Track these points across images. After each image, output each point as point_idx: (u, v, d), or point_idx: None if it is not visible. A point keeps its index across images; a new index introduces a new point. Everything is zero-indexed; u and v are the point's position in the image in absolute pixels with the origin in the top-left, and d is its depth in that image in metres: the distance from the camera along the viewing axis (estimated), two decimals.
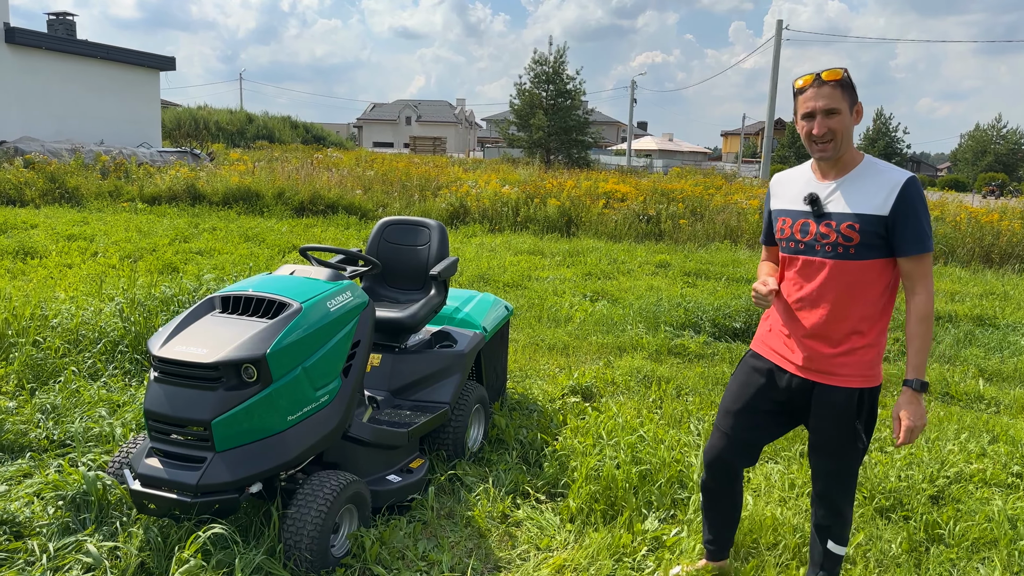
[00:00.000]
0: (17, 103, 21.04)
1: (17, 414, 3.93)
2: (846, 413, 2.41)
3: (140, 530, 2.82)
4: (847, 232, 2.32)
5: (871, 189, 2.31)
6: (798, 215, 2.43)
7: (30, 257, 8.74)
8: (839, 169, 2.39)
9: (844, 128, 2.31)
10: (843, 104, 2.30)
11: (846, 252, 2.33)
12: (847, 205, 2.33)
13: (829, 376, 2.41)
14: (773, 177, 2.66)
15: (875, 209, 2.28)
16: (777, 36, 31.47)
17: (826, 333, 2.41)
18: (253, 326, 2.80)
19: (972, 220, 13.24)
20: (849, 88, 2.32)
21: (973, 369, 6.05)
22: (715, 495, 2.75)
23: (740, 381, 2.62)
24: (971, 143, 64.94)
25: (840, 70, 2.30)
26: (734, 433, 2.60)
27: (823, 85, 2.30)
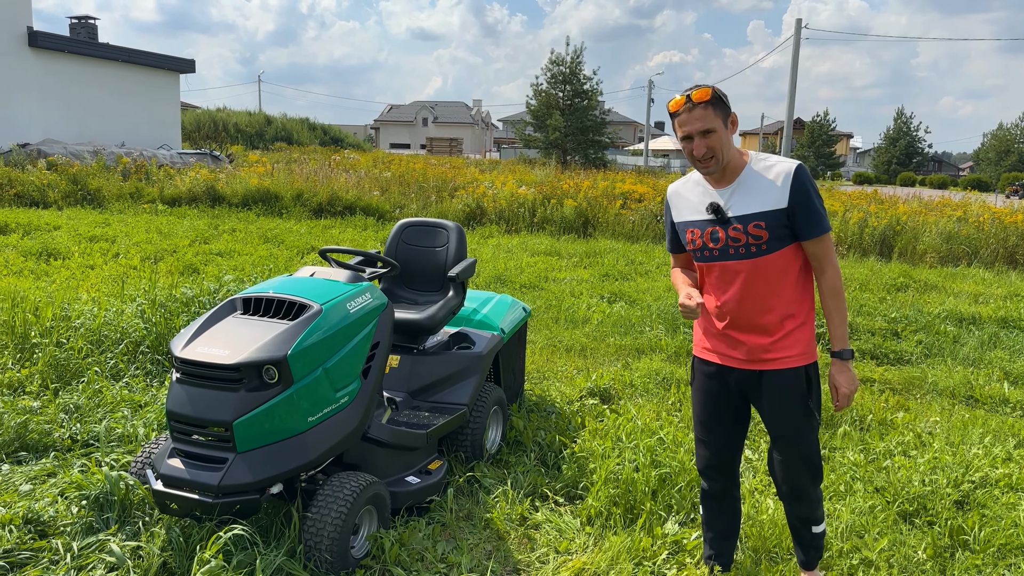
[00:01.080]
0: (40, 106, 21.35)
1: (41, 414, 3.98)
2: (798, 392, 2.52)
3: (162, 530, 2.84)
4: (755, 232, 2.42)
5: (765, 186, 2.42)
6: (705, 224, 2.52)
7: (53, 258, 8.85)
8: (729, 175, 2.48)
9: (721, 143, 2.39)
10: (716, 122, 2.38)
11: (759, 250, 2.44)
12: (748, 206, 2.43)
13: (774, 361, 2.52)
14: (669, 188, 2.73)
15: (775, 204, 2.39)
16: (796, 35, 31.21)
17: (760, 325, 2.51)
18: (274, 327, 2.81)
19: (996, 221, 13.05)
20: (720, 104, 2.39)
21: (998, 372, 5.96)
22: (716, 500, 2.79)
23: (699, 390, 2.72)
24: (994, 142, 64.05)
25: (708, 88, 2.38)
26: (712, 438, 2.71)
27: (694, 108, 2.37)
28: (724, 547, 2.85)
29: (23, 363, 4.76)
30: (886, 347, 6.51)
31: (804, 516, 2.70)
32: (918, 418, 4.84)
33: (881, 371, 5.91)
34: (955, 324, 7.45)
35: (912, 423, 4.70)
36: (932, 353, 6.50)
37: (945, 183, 52.14)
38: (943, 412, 5.03)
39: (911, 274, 10.33)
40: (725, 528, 2.83)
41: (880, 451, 4.17)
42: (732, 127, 2.44)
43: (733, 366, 2.58)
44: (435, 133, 68.24)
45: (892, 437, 4.38)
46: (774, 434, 2.61)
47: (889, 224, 12.83)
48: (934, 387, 5.56)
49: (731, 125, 2.43)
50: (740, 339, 2.54)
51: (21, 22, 20.84)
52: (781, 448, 2.61)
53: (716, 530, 2.83)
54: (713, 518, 2.82)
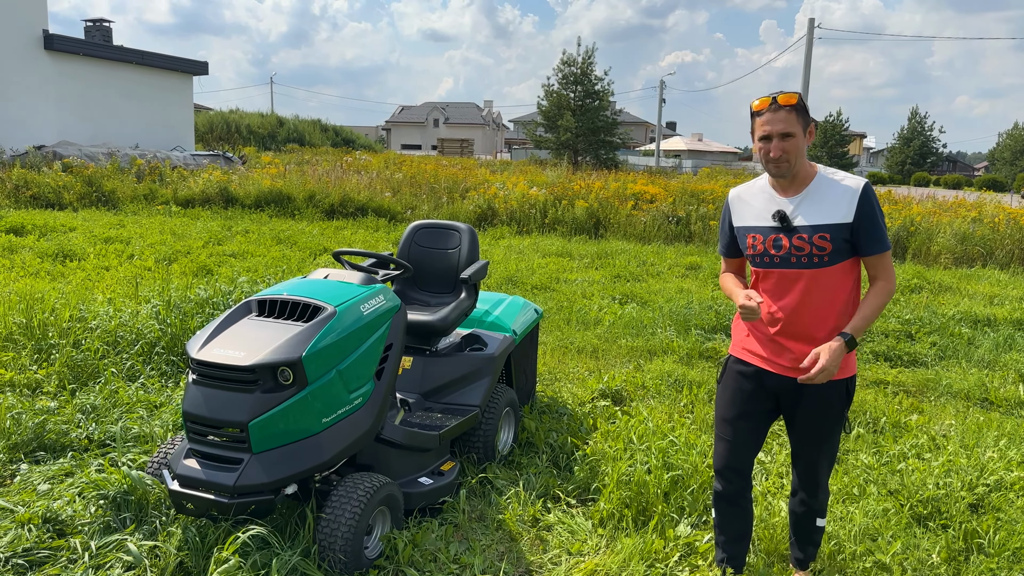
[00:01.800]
0: (55, 108, 21.55)
1: (58, 414, 4.03)
2: (837, 404, 2.61)
3: (179, 530, 2.87)
4: (819, 243, 2.47)
5: (833, 199, 2.46)
6: (768, 231, 2.55)
7: (69, 259, 8.94)
8: (797, 184, 2.53)
9: (798, 149, 2.45)
10: (797, 128, 2.44)
11: (820, 260, 2.48)
12: (815, 217, 2.47)
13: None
14: (730, 193, 2.77)
15: (841, 218, 2.44)
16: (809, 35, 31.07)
17: (811, 334, 2.54)
18: (289, 329, 2.84)
19: (1011, 221, 12.94)
20: (803, 111, 2.45)
21: (1013, 374, 5.92)
22: (729, 502, 2.78)
23: (732, 388, 2.73)
24: (1009, 142, 63.51)
25: (795, 95, 2.44)
26: (736, 438, 2.72)
27: (779, 109, 2.43)
28: (737, 550, 2.85)
29: (40, 364, 4.81)
30: (900, 349, 6.47)
31: (817, 507, 2.81)
32: (932, 420, 4.82)
33: (895, 373, 5.88)
34: (970, 326, 7.40)
35: (926, 425, 4.67)
36: (946, 355, 6.46)
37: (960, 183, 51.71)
38: (957, 415, 5.00)
39: (925, 275, 10.27)
40: (738, 531, 2.83)
41: (894, 454, 4.15)
42: (810, 136, 2.49)
43: (775, 372, 2.61)
44: (446, 134, 68.35)
45: (906, 439, 4.36)
46: (807, 439, 2.69)
47: (903, 225, 12.75)
48: (948, 389, 5.53)
49: (808, 135, 2.48)
50: (788, 346, 2.57)
51: (37, 25, 21.04)
52: (811, 450, 2.71)
53: (729, 533, 2.83)
54: (726, 521, 2.82)
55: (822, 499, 2.82)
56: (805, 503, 2.83)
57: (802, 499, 2.83)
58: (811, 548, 2.91)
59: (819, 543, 2.93)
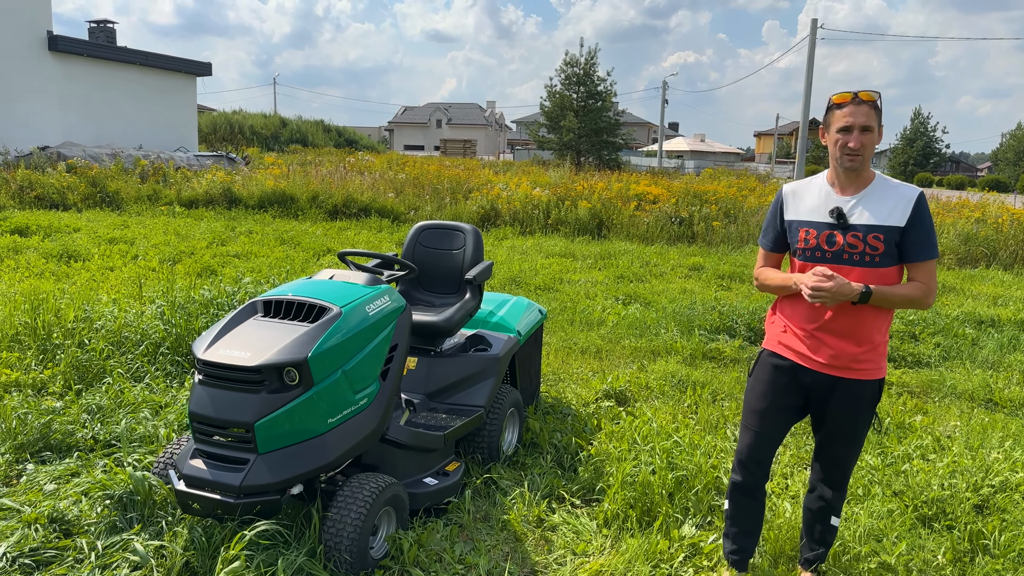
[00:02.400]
0: (59, 109, 21.61)
1: (64, 414, 4.04)
2: (871, 402, 2.67)
3: (185, 530, 2.88)
4: (873, 242, 2.53)
5: (889, 203, 2.53)
6: (823, 227, 2.60)
7: (73, 260, 8.96)
8: (858, 184, 2.59)
9: (872, 144, 2.53)
10: (875, 123, 2.53)
11: (872, 260, 2.54)
12: (872, 218, 2.54)
13: (857, 372, 2.62)
14: (784, 187, 2.81)
15: (896, 221, 2.51)
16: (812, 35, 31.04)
17: (854, 334, 2.59)
18: (295, 330, 2.84)
19: (1015, 222, 12.92)
20: (879, 111, 2.55)
21: (1018, 375, 5.91)
22: (747, 493, 2.83)
23: (764, 380, 2.77)
24: (1013, 142, 63.38)
25: (875, 93, 2.53)
26: (766, 430, 2.76)
27: (861, 104, 2.51)
28: (748, 543, 2.89)
29: (46, 364, 4.83)
30: (904, 350, 6.46)
31: (836, 504, 2.85)
32: (937, 421, 4.81)
33: (899, 374, 5.87)
34: (974, 327, 7.39)
35: (931, 426, 4.67)
36: (950, 356, 6.45)
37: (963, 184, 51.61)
38: (962, 415, 4.99)
39: None
40: (751, 524, 2.88)
41: (899, 454, 4.15)
42: (879, 137, 2.56)
43: (811, 368, 2.65)
44: (449, 135, 68.39)
45: (910, 440, 4.35)
46: (838, 434, 2.73)
47: None
48: (952, 390, 5.52)
49: (880, 135, 2.56)
50: (828, 343, 2.61)
51: (41, 26, 21.11)
52: (840, 446, 2.75)
53: (742, 525, 2.87)
54: (741, 513, 2.86)
55: (840, 497, 2.85)
56: (824, 499, 2.84)
57: (821, 494, 2.85)
58: (822, 549, 2.92)
59: (831, 544, 2.94)
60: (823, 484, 2.84)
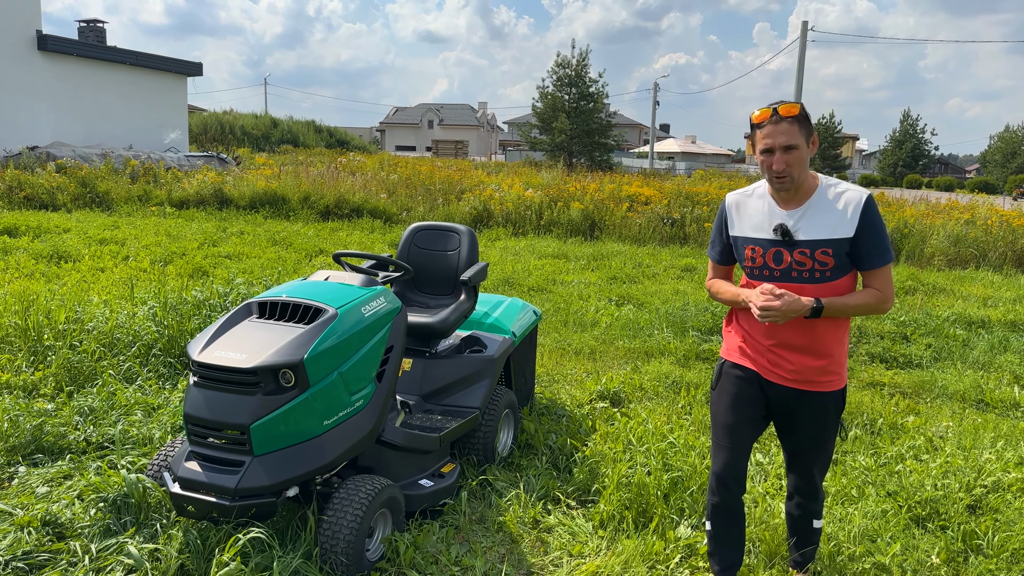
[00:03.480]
0: (49, 109, 21.46)
1: (56, 416, 4.01)
2: (835, 412, 2.63)
3: (180, 532, 2.86)
4: (822, 258, 2.41)
5: (835, 213, 2.40)
6: (768, 244, 2.48)
7: (64, 261, 8.90)
8: (800, 197, 2.45)
9: (800, 162, 2.37)
10: (800, 139, 2.36)
11: (823, 276, 2.43)
12: (817, 232, 2.41)
13: (821, 384, 2.56)
14: (727, 198, 2.66)
15: (844, 232, 2.38)
16: (802, 37, 31.20)
17: (813, 348, 2.52)
18: (290, 331, 2.83)
19: (1004, 223, 13.02)
20: (805, 122, 2.38)
21: (1008, 376, 5.95)
22: (727, 511, 2.71)
23: (731, 393, 2.66)
24: (1001, 144, 63.88)
25: (797, 105, 2.37)
26: (737, 444, 2.65)
27: (780, 121, 2.35)
28: (735, 557, 2.79)
29: (37, 366, 4.79)
30: (895, 351, 6.50)
31: (816, 509, 2.85)
32: (929, 422, 4.84)
33: (891, 375, 5.91)
34: (964, 328, 7.43)
35: (923, 427, 4.69)
36: (941, 357, 6.49)
37: (951, 185, 51.97)
38: (954, 416, 5.02)
39: (919, 277, 10.32)
40: (735, 540, 2.77)
41: (892, 455, 4.17)
42: (812, 148, 2.42)
43: (775, 381, 2.59)
44: (441, 135, 68.34)
45: (903, 441, 4.38)
46: (804, 446, 2.70)
47: (896, 227, 12.80)
48: (944, 391, 5.55)
49: (812, 145, 2.42)
50: (788, 358, 2.54)
51: (30, 26, 20.96)
52: (810, 457, 2.72)
53: (728, 541, 2.75)
54: (725, 531, 2.74)
55: (820, 502, 2.86)
56: (802, 506, 2.85)
57: (799, 503, 2.86)
58: (809, 550, 2.93)
59: (817, 544, 2.95)
60: (799, 493, 2.83)
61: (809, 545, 2.92)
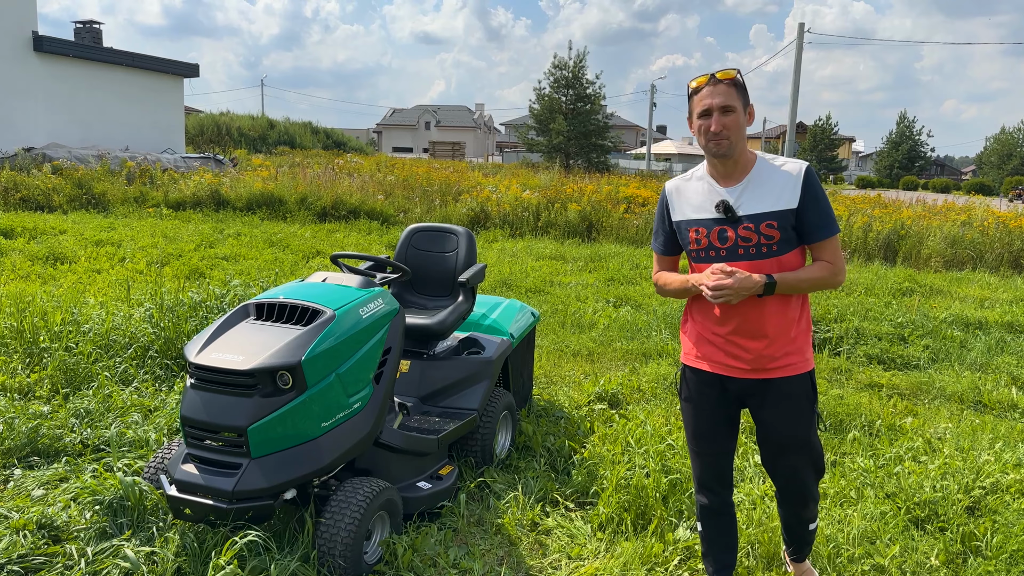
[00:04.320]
0: (45, 110, 21.41)
1: (52, 419, 3.99)
2: (805, 398, 2.48)
3: (176, 535, 2.84)
4: (767, 231, 2.36)
5: (777, 185, 2.37)
6: (712, 223, 2.42)
7: (59, 262, 8.87)
8: (739, 171, 2.42)
9: (738, 126, 2.35)
10: (737, 103, 2.35)
11: (769, 251, 2.37)
12: (760, 205, 2.37)
13: (782, 369, 2.45)
14: (667, 185, 2.62)
15: (786, 204, 2.35)
16: (799, 39, 31.25)
17: (766, 332, 2.42)
18: (288, 333, 2.82)
19: (1000, 225, 13.03)
20: (742, 88, 2.38)
21: (1006, 377, 5.96)
22: (716, 514, 2.69)
23: (694, 400, 2.60)
24: (996, 146, 64.02)
25: (733, 71, 2.37)
26: (711, 449, 2.61)
27: (718, 83, 2.35)
28: (728, 558, 2.74)
29: (32, 368, 4.77)
30: (893, 352, 6.50)
31: (809, 515, 2.71)
32: (927, 423, 4.84)
33: (889, 376, 5.91)
34: (961, 329, 7.44)
35: (921, 428, 4.69)
36: (939, 358, 6.49)
37: (948, 187, 52.13)
38: (952, 417, 5.02)
39: (916, 279, 10.33)
40: (727, 541, 2.73)
41: (890, 457, 4.17)
42: (749, 118, 2.40)
43: (734, 376, 2.49)
44: (438, 137, 68.32)
45: (902, 442, 4.37)
46: (783, 443, 2.53)
47: (893, 228, 12.82)
48: (942, 392, 5.55)
49: (748, 116, 2.40)
50: (745, 345, 2.44)
51: (26, 27, 20.91)
52: (791, 456, 2.55)
53: (719, 544, 2.71)
54: (715, 533, 2.71)
55: (812, 509, 2.69)
56: (797, 515, 2.71)
57: (792, 511, 2.71)
58: (806, 547, 2.90)
59: (812, 542, 2.90)
60: (790, 502, 2.68)
61: (805, 544, 2.86)
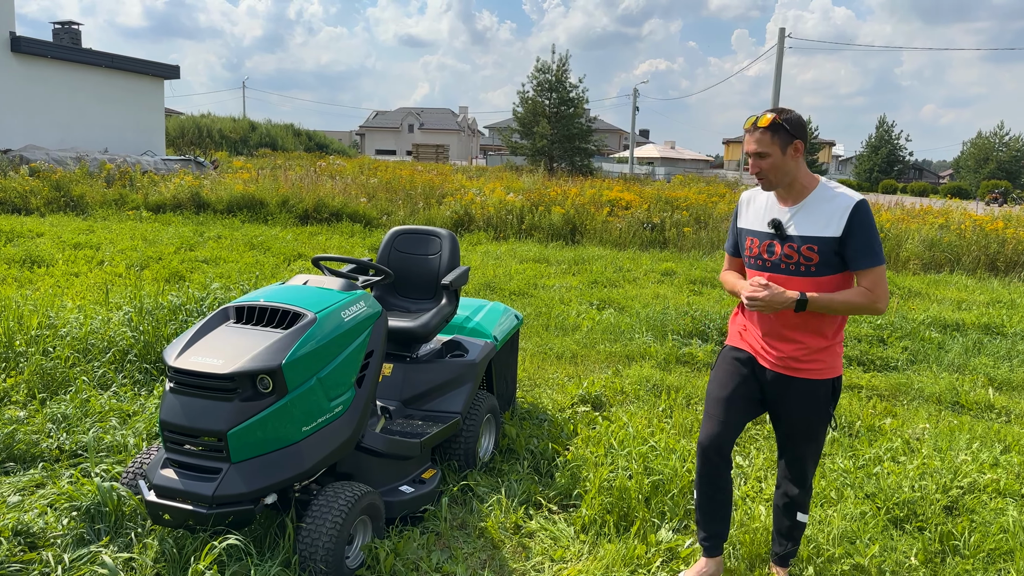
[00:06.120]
0: (22, 112, 21.14)
1: (28, 424, 3.93)
2: (823, 401, 2.73)
3: (155, 541, 2.81)
4: (807, 253, 2.60)
5: (825, 214, 2.58)
6: (764, 236, 2.71)
7: (36, 266, 8.76)
8: (795, 196, 2.66)
9: (773, 167, 2.59)
10: (773, 147, 2.57)
11: (808, 270, 2.61)
12: (806, 229, 2.60)
13: (805, 372, 2.70)
14: (744, 194, 2.90)
15: (831, 232, 2.56)
16: (780, 44, 31.54)
17: (795, 338, 2.69)
18: (268, 336, 2.80)
19: (977, 228, 13.21)
20: (781, 131, 2.57)
21: (982, 378, 6.03)
22: (711, 481, 2.83)
23: (725, 370, 2.87)
24: (973, 150, 64.89)
25: (771, 116, 2.57)
26: (726, 417, 2.80)
27: (755, 131, 2.59)
28: (718, 529, 2.88)
29: (8, 372, 4.69)
30: (872, 353, 6.56)
31: (801, 501, 2.90)
32: (906, 424, 4.89)
33: (868, 377, 5.96)
34: (939, 331, 7.53)
35: (900, 429, 4.74)
36: (917, 359, 6.57)
37: (926, 191, 52.78)
38: (930, 418, 5.08)
39: (895, 281, 10.44)
40: (719, 509, 2.87)
41: (870, 457, 4.20)
42: (796, 153, 2.59)
43: (766, 365, 2.76)
44: (421, 140, 68.20)
45: (881, 443, 4.41)
46: (794, 432, 2.81)
47: None
48: (920, 393, 5.62)
49: (794, 151, 2.59)
50: (777, 346, 2.73)
51: (3, 27, 20.65)
52: (799, 444, 2.83)
53: (712, 513, 2.87)
54: (708, 500, 2.86)
55: (806, 493, 2.90)
56: (788, 495, 2.91)
57: (786, 491, 2.92)
58: (791, 544, 2.96)
59: (799, 540, 2.98)
60: (787, 481, 2.91)
61: (791, 539, 2.95)
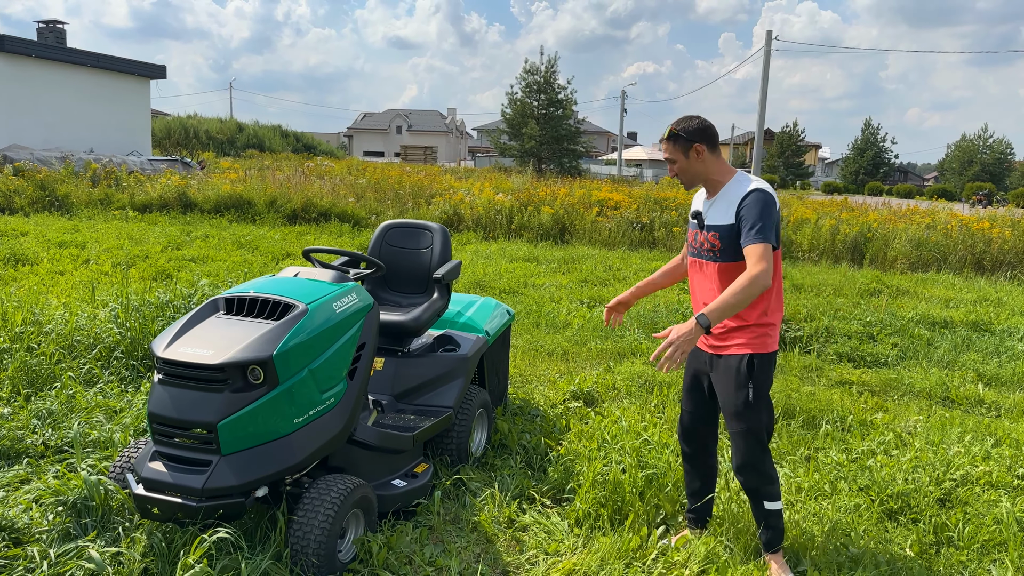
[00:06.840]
0: (6, 111, 20.92)
1: (12, 420, 3.86)
2: (740, 375, 2.85)
3: (143, 535, 2.76)
4: (713, 240, 2.88)
5: (728, 203, 2.84)
6: (693, 226, 3.03)
7: (21, 264, 8.65)
8: (712, 190, 2.94)
9: (682, 170, 2.91)
10: (677, 154, 2.88)
11: (714, 256, 2.89)
12: (713, 218, 2.89)
13: (725, 348, 2.91)
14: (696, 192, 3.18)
15: (728, 220, 2.82)
16: (767, 47, 31.68)
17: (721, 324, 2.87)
18: (259, 327, 2.75)
19: (963, 228, 13.31)
20: (679, 139, 2.86)
21: (972, 374, 6.06)
22: (692, 460, 3.18)
23: (688, 362, 3.14)
24: (958, 153, 65.53)
25: (671, 127, 2.87)
26: (689, 406, 3.13)
27: (663, 141, 2.93)
28: (696, 488, 3.19)
29: None
30: (863, 350, 6.58)
31: (754, 487, 2.93)
32: (897, 419, 4.90)
33: (859, 373, 5.98)
34: (928, 328, 7.56)
35: (891, 423, 4.75)
36: (907, 356, 6.59)
37: (911, 193, 53.19)
38: (921, 412, 5.09)
39: (883, 280, 10.50)
40: (699, 487, 3.19)
41: (862, 451, 4.21)
42: (698, 155, 2.85)
43: (703, 349, 3.02)
44: (409, 141, 68.09)
45: (873, 437, 4.42)
46: (723, 409, 2.95)
47: (860, 231, 13.02)
48: (911, 389, 5.63)
49: (696, 154, 2.85)
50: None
51: None
52: (731, 422, 2.92)
53: (692, 488, 3.21)
54: (690, 478, 3.21)
55: (758, 479, 2.89)
56: (746, 482, 2.93)
57: (742, 479, 2.93)
58: (768, 531, 2.94)
59: (776, 527, 2.93)
60: (737, 473, 2.94)
61: (767, 528, 2.94)
